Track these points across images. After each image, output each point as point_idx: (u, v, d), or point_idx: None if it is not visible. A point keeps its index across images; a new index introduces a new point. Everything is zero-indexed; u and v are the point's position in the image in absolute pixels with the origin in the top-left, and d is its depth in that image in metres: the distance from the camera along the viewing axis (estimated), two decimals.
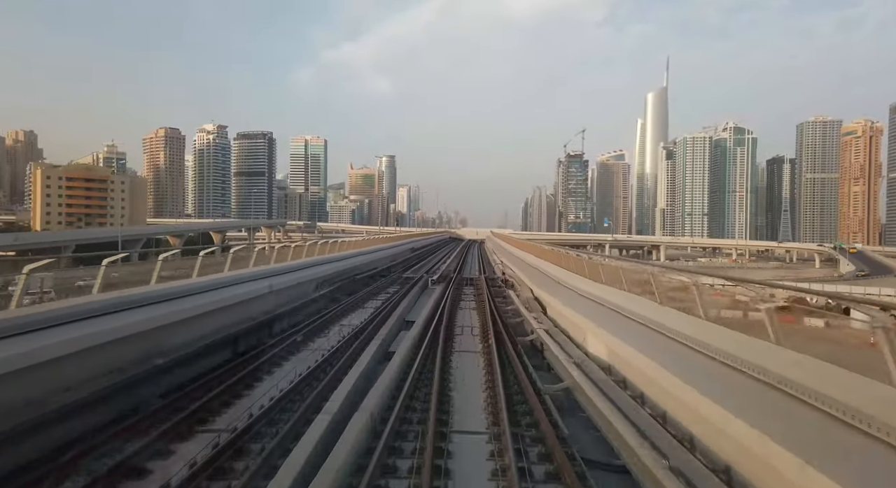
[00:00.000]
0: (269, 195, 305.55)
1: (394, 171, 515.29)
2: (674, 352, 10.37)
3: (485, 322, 18.40)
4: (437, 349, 14.01)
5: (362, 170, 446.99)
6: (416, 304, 23.81)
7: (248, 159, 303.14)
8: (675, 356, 10.10)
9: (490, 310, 20.25)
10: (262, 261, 21.54)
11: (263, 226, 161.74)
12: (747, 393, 7.69)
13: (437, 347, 14.17)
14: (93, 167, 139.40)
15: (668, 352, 10.37)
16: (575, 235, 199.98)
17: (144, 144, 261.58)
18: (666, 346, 10.87)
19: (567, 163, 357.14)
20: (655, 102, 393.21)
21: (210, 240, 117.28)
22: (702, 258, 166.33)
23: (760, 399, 7.35)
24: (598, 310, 15.99)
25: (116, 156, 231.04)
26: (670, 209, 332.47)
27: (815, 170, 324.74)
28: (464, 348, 15.33)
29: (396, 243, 52.68)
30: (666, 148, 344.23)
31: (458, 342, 16.20)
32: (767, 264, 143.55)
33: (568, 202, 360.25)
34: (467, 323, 19.37)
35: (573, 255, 26.87)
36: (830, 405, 6.31)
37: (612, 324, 13.85)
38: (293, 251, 25.29)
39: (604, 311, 15.76)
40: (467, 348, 15.31)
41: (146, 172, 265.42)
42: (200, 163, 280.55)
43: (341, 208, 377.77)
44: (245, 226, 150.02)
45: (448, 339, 15.87)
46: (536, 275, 27.92)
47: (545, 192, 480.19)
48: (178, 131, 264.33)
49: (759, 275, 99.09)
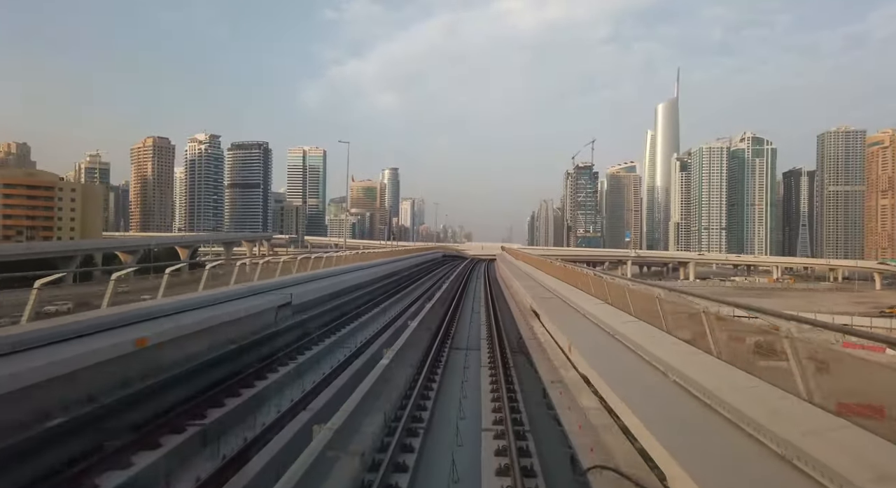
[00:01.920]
0: (265, 208, 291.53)
1: (397, 184, 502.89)
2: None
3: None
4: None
5: (364, 182, 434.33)
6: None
7: (242, 170, 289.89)
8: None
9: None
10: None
11: (244, 241, 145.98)
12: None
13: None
14: (37, 172, 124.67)
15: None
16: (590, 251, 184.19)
17: (132, 155, 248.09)
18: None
19: (576, 174, 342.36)
20: (666, 114, 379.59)
21: (175, 256, 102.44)
22: (735, 277, 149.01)
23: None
24: None
25: (99, 166, 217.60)
26: (685, 223, 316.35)
27: (839, 183, 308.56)
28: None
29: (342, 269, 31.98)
30: (680, 159, 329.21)
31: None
32: (818, 285, 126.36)
33: (577, 215, 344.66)
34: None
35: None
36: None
37: None
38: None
39: None
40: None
41: (133, 184, 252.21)
42: (192, 175, 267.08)
43: (341, 222, 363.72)
44: (220, 241, 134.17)
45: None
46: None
47: (552, 206, 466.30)
48: (168, 141, 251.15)
49: (822, 300, 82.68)
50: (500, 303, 30.89)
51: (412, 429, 10.24)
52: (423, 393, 12.63)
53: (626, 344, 12.14)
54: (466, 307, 30.01)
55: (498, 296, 34.39)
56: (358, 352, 17.02)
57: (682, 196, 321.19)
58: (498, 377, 13.80)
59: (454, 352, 18.29)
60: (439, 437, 10.19)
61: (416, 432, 10.16)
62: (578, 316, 17.30)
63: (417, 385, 12.94)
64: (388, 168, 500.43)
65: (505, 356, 16.64)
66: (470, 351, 18.52)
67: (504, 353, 16.94)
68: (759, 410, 6.65)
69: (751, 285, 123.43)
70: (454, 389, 13.45)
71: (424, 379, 13.62)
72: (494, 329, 21.56)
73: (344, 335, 19.88)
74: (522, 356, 17.35)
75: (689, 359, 9.44)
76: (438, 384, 13.78)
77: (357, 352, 16.82)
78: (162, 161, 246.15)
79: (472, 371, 15.45)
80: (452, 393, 13.12)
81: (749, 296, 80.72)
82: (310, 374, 14.69)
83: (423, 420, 10.81)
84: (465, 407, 11.86)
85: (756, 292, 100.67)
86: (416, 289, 37.82)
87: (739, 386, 7.64)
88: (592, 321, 15.72)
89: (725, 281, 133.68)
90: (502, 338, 19.69)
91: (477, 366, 15.91)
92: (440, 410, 11.79)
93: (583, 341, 13.32)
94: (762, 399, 7.06)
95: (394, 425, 10.18)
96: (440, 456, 9.20)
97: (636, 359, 10.97)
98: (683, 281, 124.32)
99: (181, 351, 12.47)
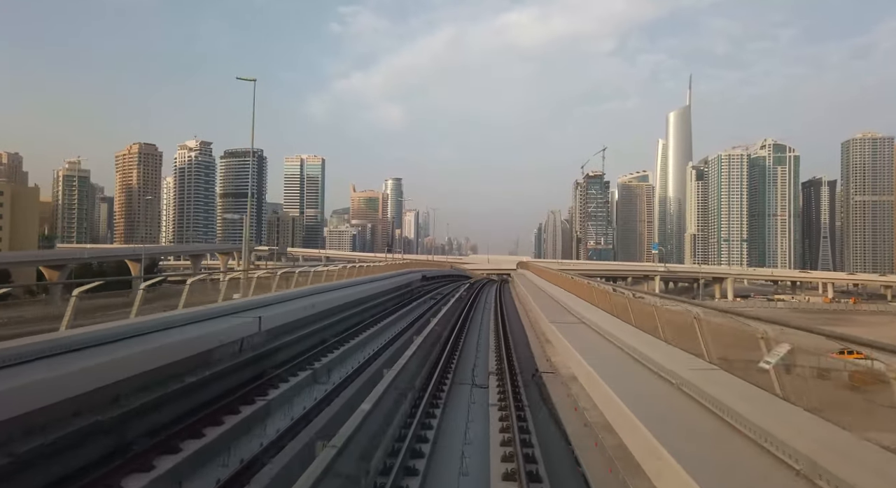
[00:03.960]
0: (259, 219, 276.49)
1: (400, 195, 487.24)
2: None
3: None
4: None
5: (366, 193, 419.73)
6: None
7: (235, 179, 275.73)
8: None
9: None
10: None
11: (219, 253, 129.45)
12: None
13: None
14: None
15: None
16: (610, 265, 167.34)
17: (116, 162, 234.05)
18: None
19: (586, 184, 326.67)
20: (678, 122, 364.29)
21: (126, 271, 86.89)
22: (780, 295, 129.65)
23: None
24: None
25: (79, 173, 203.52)
26: (702, 234, 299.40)
27: (865, 192, 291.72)
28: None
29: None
30: (696, 167, 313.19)
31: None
32: (889, 306, 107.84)
33: (587, 227, 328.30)
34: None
35: None
36: None
37: None
38: None
39: None
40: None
41: (118, 194, 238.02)
42: (181, 184, 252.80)
43: (341, 233, 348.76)
44: (185, 253, 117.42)
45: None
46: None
47: (560, 217, 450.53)
48: (155, 147, 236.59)
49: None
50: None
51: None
52: None
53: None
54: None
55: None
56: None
57: (698, 206, 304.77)
58: None
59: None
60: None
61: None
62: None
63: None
64: (392, 178, 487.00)
65: None
66: None
67: None
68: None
69: (807, 306, 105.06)
70: None
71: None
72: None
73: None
74: None
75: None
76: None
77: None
78: (148, 169, 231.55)
79: None
80: None
81: (821, 322, 63.88)
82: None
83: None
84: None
85: (821, 316, 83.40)
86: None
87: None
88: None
89: (772, 300, 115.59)
90: None
91: None
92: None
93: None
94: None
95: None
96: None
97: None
98: (721, 300, 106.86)
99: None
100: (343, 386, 13.05)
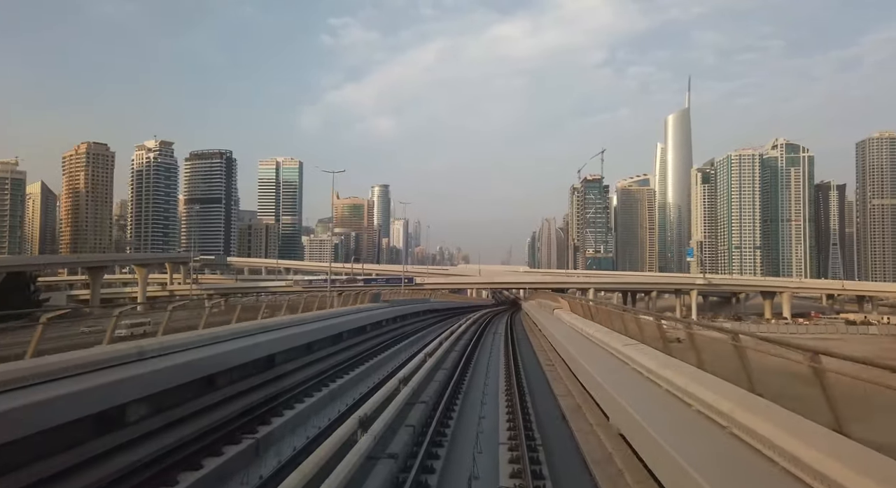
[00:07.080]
0: (227, 227, 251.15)
1: (387, 202, 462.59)
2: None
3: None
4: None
5: (350, 199, 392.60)
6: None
7: (201, 184, 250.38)
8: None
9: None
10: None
11: (136, 265, 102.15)
12: None
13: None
14: None
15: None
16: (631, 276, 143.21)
17: (63, 163, 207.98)
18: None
19: (583, 189, 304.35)
20: (677, 125, 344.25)
21: None
22: (845, 315, 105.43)
23: None
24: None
25: (12, 176, 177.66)
26: (710, 241, 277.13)
27: (884, 196, 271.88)
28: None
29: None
30: (701, 170, 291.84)
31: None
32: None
33: (585, 234, 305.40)
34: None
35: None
36: None
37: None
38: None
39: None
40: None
41: (63, 198, 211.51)
42: (139, 188, 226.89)
43: (322, 243, 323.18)
44: (80, 264, 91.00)
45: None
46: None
47: (554, 225, 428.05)
48: (106, 147, 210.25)
49: None
50: None
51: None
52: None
53: None
54: None
55: None
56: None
57: (704, 211, 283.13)
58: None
59: None
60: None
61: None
62: None
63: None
64: (378, 185, 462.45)
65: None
66: None
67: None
68: None
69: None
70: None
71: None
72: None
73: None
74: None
75: None
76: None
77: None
78: (97, 171, 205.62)
79: None
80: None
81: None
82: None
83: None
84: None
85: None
86: None
87: None
88: None
89: (853, 323, 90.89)
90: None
91: None
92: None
93: None
94: None
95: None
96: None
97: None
98: (780, 322, 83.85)
99: None
100: None
